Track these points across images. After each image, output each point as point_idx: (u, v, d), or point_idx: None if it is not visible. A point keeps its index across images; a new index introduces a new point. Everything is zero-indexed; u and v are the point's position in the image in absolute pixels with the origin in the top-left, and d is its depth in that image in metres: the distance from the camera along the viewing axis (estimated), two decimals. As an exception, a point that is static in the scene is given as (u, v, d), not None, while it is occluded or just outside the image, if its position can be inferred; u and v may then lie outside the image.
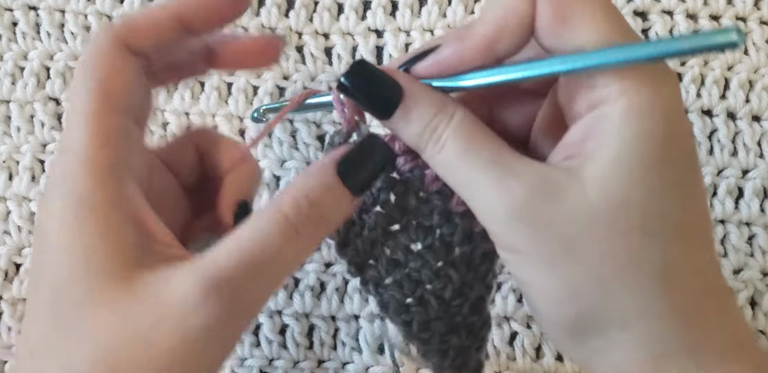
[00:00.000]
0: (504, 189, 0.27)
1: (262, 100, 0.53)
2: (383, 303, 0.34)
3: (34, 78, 0.53)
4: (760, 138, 0.52)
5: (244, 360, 0.50)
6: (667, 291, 0.26)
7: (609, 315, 0.27)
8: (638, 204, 0.26)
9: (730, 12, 0.53)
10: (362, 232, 0.33)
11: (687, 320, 0.27)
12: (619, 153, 0.26)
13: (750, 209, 0.51)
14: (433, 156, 0.29)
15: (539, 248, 0.27)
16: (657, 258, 0.26)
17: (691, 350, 0.27)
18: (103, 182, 0.28)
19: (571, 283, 0.27)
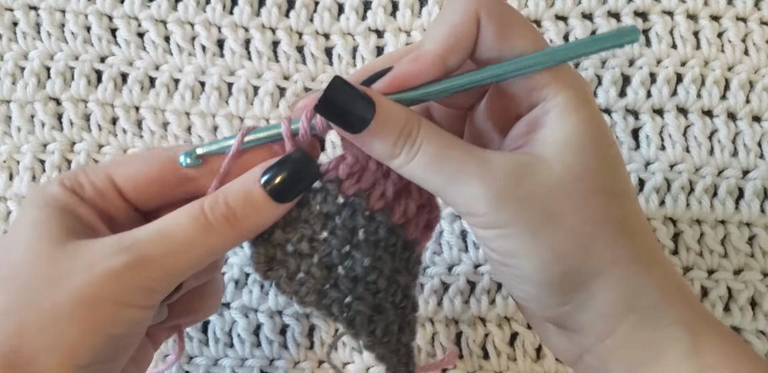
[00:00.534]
0: (485, 176, 0.31)
1: (262, 100, 0.53)
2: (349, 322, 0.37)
3: (34, 78, 0.53)
4: (760, 138, 0.52)
5: (244, 360, 0.50)
6: (631, 240, 0.32)
7: (590, 268, 0.32)
8: (595, 172, 0.32)
9: (730, 12, 0.53)
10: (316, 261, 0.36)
11: (645, 263, 0.33)
12: (571, 134, 0.31)
13: (750, 209, 0.51)
14: (407, 161, 0.32)
15: (525, 219, 0.31)
16: (619, 214, 0.32)
17: (654, 286, 0.33)
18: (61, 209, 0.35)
19: (556, 245, 0.31)
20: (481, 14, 0.32)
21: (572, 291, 0.32)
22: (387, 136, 0.32)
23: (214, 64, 0.53)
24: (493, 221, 0.32)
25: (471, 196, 0.31)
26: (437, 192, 0.33)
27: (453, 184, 0.32)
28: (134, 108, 0.53)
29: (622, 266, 0.32)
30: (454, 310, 0.50)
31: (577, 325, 0.34)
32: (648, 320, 0.33)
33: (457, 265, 0.51)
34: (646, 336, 0.33)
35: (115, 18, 0.54)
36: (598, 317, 0.33)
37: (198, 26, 0.54)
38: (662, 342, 0.33)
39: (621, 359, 0.33)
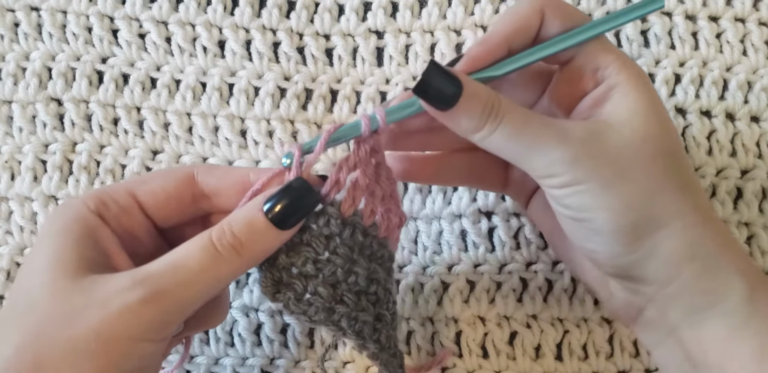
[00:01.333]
0: (562, 142, 0.35)
1: (263, 101, 0.53)
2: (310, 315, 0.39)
3: (35, 79, 0.53)
4: (759, 139, 0.52)
5: (245, 359, 0.50)
6: (690, 195, 0.37)
7: (656, 217, 0.36)
8: (658, 136, 0.36)
9: (729, 13, 0.53)
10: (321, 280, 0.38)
11: (705, 215, 0.37)
12: (636, 104, 0.36)
13: (749, 209, 0.51)
14: (491, 133, 0.36)
15: (598, 175, 0.35)
16: (679, 173, 0.37)
17: (713, 237, 0.37)
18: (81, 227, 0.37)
19: (626, 197, 0.35)
20: (545, 10, 0.37)
21: (640, 239, 0.36)
22: (473, 110, 0.35)
23: (215, 65, 0.54)
24: (570, 180, 0.35)
25: (551, 160, 0.35)
26: (517, 159, 0.36)
27: (533, 151, 0.35)
28: (135, 109, 0.54)
29: (684, 217, 0.36)
30: (453, 309, 0.50)
31: (643, 273, 0.37)
32: (708, 267, 0.36)
33: (457, 264, 0.51)
34: (707, 283, 0.36)
35: (116, 19, 0.54)
36: (663, 264, 0.36)
37: (199, 27, 0.54)
38: (721, 289, 0.36)
39: (682, 304, 0.37)
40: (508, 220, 0.51)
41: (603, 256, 0.38)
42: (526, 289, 0.51)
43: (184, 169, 0.41)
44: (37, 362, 0.33)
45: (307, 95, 0.54)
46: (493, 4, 0.54)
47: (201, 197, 0.40)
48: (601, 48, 0.38)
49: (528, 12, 0.37)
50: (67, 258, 0.35)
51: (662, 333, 0.38)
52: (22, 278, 0.36)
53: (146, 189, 0.39)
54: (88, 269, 0.35)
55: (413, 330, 0.51)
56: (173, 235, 0.41)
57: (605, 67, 0.37)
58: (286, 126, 0.53)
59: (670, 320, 0.38)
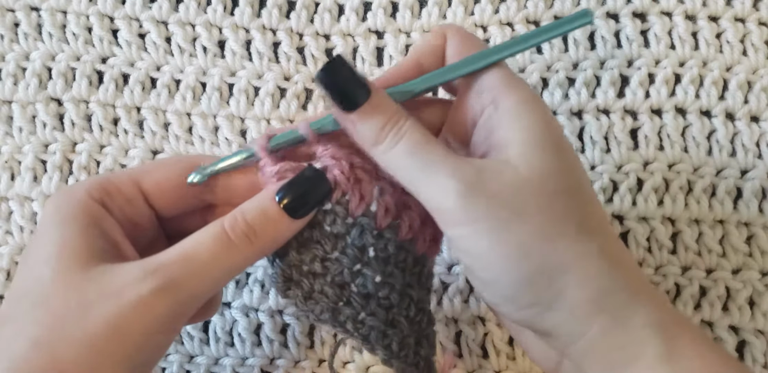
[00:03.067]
0: (457, 171, 0.33)
1: (263, 101, 0.53)
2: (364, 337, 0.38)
3: (35, 79, 0.53)
4: (758, 139, 0.52)
5: (245, 359, 0.50)
6: (594, 237, 0.33)
7: (557, 265, 0.32)
8: (557, 172, 0.33)
9: (728, 13, 0.53)
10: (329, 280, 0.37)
11: (613, 261, 0.33)
12: (528, 136, 0.33)
13: (749, 209, 0.51)
14: (390, 148, 0.34)
15: (494, 214, 0.32)
16: (581, 213, 0.34)
17: (622, 285, 0.33)
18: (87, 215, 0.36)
19: (524, 242, 0.32)
20: (447, 33, 0.37)
21: (541, 289, 0.33)
22: (377, 120, 0.34)
23: (215, 65, 0.54)
24: (463, 217, 0.33)
25: (443, 188, 0.33)
26: (410, 182, 0.34)
27: (427, 174, 0.33)
28: (135, 109, 0.54)
29: (589, 261, 0.33)
30: (453, 309, 0.50)
31: (548, 326, 0.34)
32: (619, 320, 0.33)
33: (457, 265, 0.51)
34: (619, 338, 0.33)
35: (116, 19, 0.54)
36: (568, 318, 0.33)
37: (199, 27, 0.54)
38: (636, 345, 0.33)
39: (594, 362, 0.33)
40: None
41: (505, 308, 0.35)
42: (526, 289, 0.51)
43: (189, 159, 0.40)
44: (56, 359, 0.32)
45: (307, 95, 0.54)
46: (493, 4, 0.54)
47: (205, 188, 0.40)
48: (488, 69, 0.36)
49: (431, 37, 0.37)
50: (76, 247, 0.34)
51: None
52: (30, 266, 0.35)
53: (151, 179, 0.39)
54: (98, 258, 0.35)
55: (413, 330, 0.51)
56: (173, 224, 0.41)
57: (490, 88, 0.35)
58: (286, 126, 0.53)
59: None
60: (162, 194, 0.39)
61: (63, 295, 0.33)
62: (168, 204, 0.39)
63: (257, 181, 0.39)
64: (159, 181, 0.39)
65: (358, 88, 0.34)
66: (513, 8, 0.54)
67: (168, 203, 0.39)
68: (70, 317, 0.33)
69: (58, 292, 0.34)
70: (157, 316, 0.33)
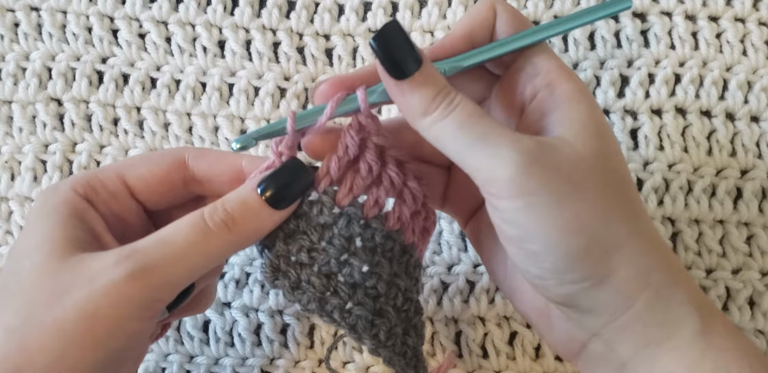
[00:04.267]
0: (516, 142, 0.32)
1: (263, 101, 0.53)
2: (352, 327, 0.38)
3: (35, 79, 0.53)
4: (758, 139, 0.52)
5: (245, 360, 0.50)
6: (641, 217, 0.34)
7: (610, 241, 0.33)
8: (608, 152, 0.34)
9: (728, 13, 0.53)
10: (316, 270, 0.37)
11: (655, 241, 0.34)
12: (586, 118, 0.34)
13: (749, 209, 0.51)
14: (441, 118, 0.33)
15: (553, 187, 0.32)
16: (629, 194, 0.34)
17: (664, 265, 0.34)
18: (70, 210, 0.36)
19: (581, 216, 0.32)
20: (497, 7, 0.36)
21: (593, 265, 0.33)
22: (428, 89, 0.33)
23: (215, 65, 0.54)
24: (517, 189, 0.32)
25: (500, 160, 0.32)
26: (463, 152, 0.33)
27: (483, 146, 0.32)
28: (135, 109, 0.54)
29: (638, 240, 0.33)
30: (453, 309, 0.50)
31: (592, 303, 0.34)
32: (662, 297, 0.33)
33: (457, 264, 0.51)
34: (659, 315, 0.34)
35: (116, 19, 0.54)
36: (615, 294, 0.33)
37: (199, 27, 0.54)
38: (673, 322, 0.34)
39: (630, 339, 0.34)
40: (508, 220, 0.51)
41: (550, 282, 0.34)
42: (526, 289, 0.51)
43: (175, 153, 0.40)
44: (24, 346, 0.32)
45: (308, 95, 0.54)
46: (493, 4, 0.54)
47: (192, 180, 0.40)
48: (543, 54, 0.36)
49: (481, 10, 0.37)
50: (56, 238, 0.35)
51: (611, 369, 0.35)
52: (12, 259, 0.36)
53: (136, 173, 0.39)
54: (77, 247, 0.35)
55: (413, 330, 0.51)
56: (164, 218, 0.41)
57: (546, 73, 0.35)
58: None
59: (620, 354, 0.34)
60: (148, 188, 0.39)
61: (38, 283, 0.34)
62: (155, 198, 0.39)
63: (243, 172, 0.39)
64: (144, 175, 0.39)
65: (411, 56, 0.33)
66: (513, 8, 0.54)
67: (155, 197, 0.39)
68: (41, 304, 0.33)
69: (33, 280, 0.34)
70: (129, 301, 0.33)
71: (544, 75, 0.35)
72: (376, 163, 0.37)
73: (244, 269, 0.51)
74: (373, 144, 0.37)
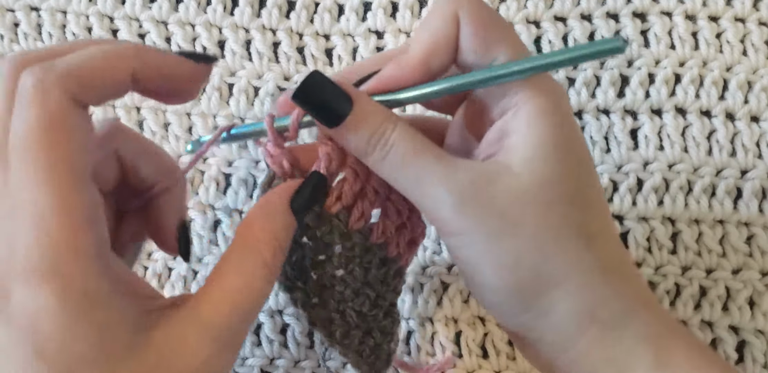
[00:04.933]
0: (451, 180, 0.31)
1: (263, 101, 0.53)
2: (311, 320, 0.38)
3: (35, 79, 0.53)
4: (758, 139, 0.52)
5: (245, 360, 0.50)
6: (591, 249, 0.32)
7: (549, 276, 0.31)
8: (559, 180, 0.31)
9: (728, 13, 0.53)
10: (292, 260, 0.37)
11: (608, 272, 0.32)
12: (537, 142, 0.31)
13: (749, 209, 0.51)
14: (380, 159, 0.32)
15: (487, 225, 0.31)
16: (579, 223, 0.32)
17: (616, 297, 0.32)
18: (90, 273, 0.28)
19: (516, 252, 0.31)
20: (460, 15, 0.32)
21: (532, 299, 0.32)
22: (362, 133, 0.32)
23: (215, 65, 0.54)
24: (456, 227, 0.32)
25: (435, 199, 0.32)
26: (407, 194, 0.33)
27: (419, 186, 0.32)
28: (135, 108, 0.54)
29: (582, 274, 0.32)
30: (453, 309, 0.50)
31: (539, 335, 0.33)
32: (611, 331, 0.32)
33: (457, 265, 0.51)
34: (609, 350, 0.32)
35: (116, 19, 0.54)
36: (559, 328, 0.32)
37: (199, 27, 0.54)
38: (626, 357, 0.32)
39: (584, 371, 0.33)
40: (507, 220, 0.51)
41: (496, 313, 0.35)
42: (526, 289, 0.51)
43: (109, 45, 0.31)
44: None
45: (307, 95, 0.54)
46: (492, 4, 0.54)
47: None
48: None
49: (442, 23, 0.32)
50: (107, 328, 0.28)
51: None
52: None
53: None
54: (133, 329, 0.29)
55: (413, 330, 0.51)
56: None
57: (514, 93, 0.32)
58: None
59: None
60: None
61: None
62: None
63: None
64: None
65: (340, 102, 0.32)
66: (513, 8, 0.54)
67: None
68: None
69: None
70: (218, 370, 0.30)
71: (512, 96, 0.32)
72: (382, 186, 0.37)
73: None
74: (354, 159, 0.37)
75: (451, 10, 0.32)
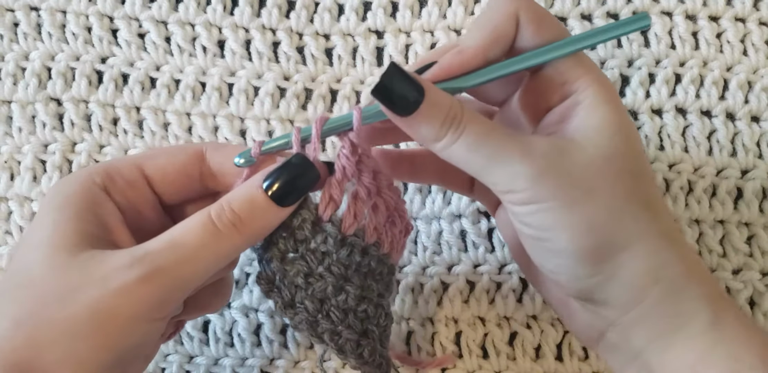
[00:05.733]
0: (527, 154, 0.34)
1: (263, 100, 0.53)
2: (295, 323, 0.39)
3: (35, 78, 0.53)
4: (759, 139, 0.52)
5: (245, 360, 0.50)
6: (655, 216, 0.35)
7: (619, 239, 0.34)
8: (622, 155, 0.35)
9: (729, 13, 0.53)
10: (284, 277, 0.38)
11: (670, 238, 0.36)
12: (602, 122, 0.35)
13: (749, 209, 0.51)
14: (452, 143, 0.34)
15: (564, 193, 0.34)
16: (643, 193, 0.35)
17: (678, 261, 0.35)
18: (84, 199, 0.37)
19: (589, 217, 0.34)
20: (519, 14, 0.35)
21: (603, 262, 0.35)
22: (434, 119, 0.34)
23: (214, 65, 0.54)
24: (532, 197, 0.34)
25: (513, 174, 0.34)
26: (478, 172, 0.35)
27: (495, 164, 0.34)
28: (135, 108, 0.54)
29: (649, 238, 0.35)
30: (453, 309, 0.50)
31: (604, 296, 0.36)
32: (672, 291, 0.35)
33: (457, 265, 0.51)
34: (670, 308, 0.35)
35: (115, 19, 0.54)
36: (626, 288, 0.35)
37: (198, 27, 0.54)
38: (685, 314, 0.35)
39: (644, 330, 0.36)
40: (508, 220, 0.51)
41: (563, 277, 0.36)
42: (526, 289, 0.51)
43: (194, 146, 0.40)
44: (33, 340, 0.33)
45: (307, 95, 0.54)
46: (493, 3, 0.54)
47: (209, 174, 0.40)
48: (572, 61, 0.36)
49: (503, 19, 0.36)
50: (67, 232, 0.35)
51: (626, 357, 0.37)
52: (21, 250, 0.36)
53: (154, 163, 0.39)
54: (87, 243, 0.35)
55: (413, 330, 0.51)
56: (179, 212, 0.41)
57: (573, 81, 0.36)
58: (286, 126, 0.53)
59: (633, 345, 0.36)
60: (165, 180, 0.39)
61: (48, 278, 0.34)
62: (172, 190, 0.40)
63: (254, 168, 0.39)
64: (163, 166, 0.39)
65: (411, 94, 0.34)
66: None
67: (172, 189, 0.40)
68: (52, 300, 0.33)
69: (43, 274, 0.34)
70: (141, 302, 0.33)
71: (573, 81, 0.36)
72: (374, 186, 0.38)
73: (243, 270, 0.51)
74: (369, 170, 0.38)
75: (512, 10, 0.35)
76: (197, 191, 0.41)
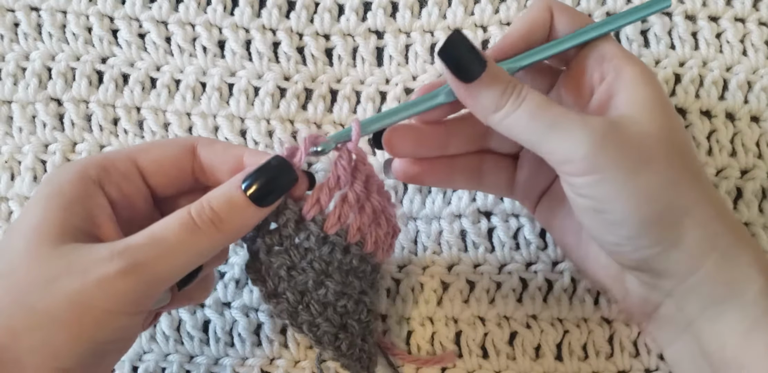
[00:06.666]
0: (588, 124, 0.35)
1: (263, 101, 0.53)
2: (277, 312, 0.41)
3: (35, 79, 0.53)
4: (759, 139, 0.52)
5: (245, 359, 0.50)
6: (706, 185, 0.38)
7: (680, 208, 0.36)
8: (673, 128, 0.37)
9: (728, 13, 0.53)
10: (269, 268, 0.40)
11: (721, 206, 0.38)
12: (651, 98, 0.37)
13: (749, 209, 0.51)
14: (512, 111, 0.36)
15: (625, 162, 0.35)
16: (693, 164, 0.37)
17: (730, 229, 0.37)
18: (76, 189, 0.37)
19: (651, 186, 0.35)
20: (552, 6, 0.40)
21: (665, 230, 0.36)
22: (497, 86, 0.36)
23: (214, 65, 0.54)
24: (591, 166, 0.35)
25: (573, 141, 0.35)
26: (537, 141, 0.36)
27: (556, 131, 0.35)
28: (135, 109, 0.54)
29: (705, 206, 0.37)
30: (453, 309, 0.50)
31: (665, 266, 0.37)
32: (728, 259, 0.36)
33: (457, 264, 0.51)
34: (726, 274, 0.37)
35: (116, 19, 0.54)
36: (686, 256, 0.36)
37: (199, 27, 0.54)
38: (739, 282, 0.36)
39: (701, 297, 0.37)
40: (507, 220, 0.51)
41: (626, 249, 0.37)
42: (526, 289, 0.51)
43: (187, 140, 0.41)
44: (11, 328, 0.33)
45: (307, 95, 0.54)
46: (492, 4, 0.54)
47: (200, 169, 0.41)
48: (604, 42, 0.39)
49: (539, 11, 0.39)
50: (52, 223, 0.35)
51: (678, 328, 0.39)
52: (7, 235, 0.37)
53: (148, 156, 0.40)
54: (71, 236, 0.35)
55: (413, 330, 0.51)
56: (170, 206, 0.42)
57: (611, 58, 0.38)
58: (286, 126, 0.53)
59: (687, 313, 0.38)
60: (158, 172, 0.40)
61: (29, 268, 0.34)
62: (164, 183, 0.40)
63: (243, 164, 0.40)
64: (156, 158, 0.40)
65: (476, 60, 0.36)
66: (513, 8, 0.54)
67: (165, 182, 0.40)
68: (32, 289, 0.33)
69: (24, 264, 0.34)
70: (120, 295, 0.34)
71: (610, 60, 0.38)
72: (364, 192, 0.39)
73: (243, 269, 0.51)
74: (363, 175, 0.39)
75: (546, 5, 0.40)
76: (190, 184, 0.41)
